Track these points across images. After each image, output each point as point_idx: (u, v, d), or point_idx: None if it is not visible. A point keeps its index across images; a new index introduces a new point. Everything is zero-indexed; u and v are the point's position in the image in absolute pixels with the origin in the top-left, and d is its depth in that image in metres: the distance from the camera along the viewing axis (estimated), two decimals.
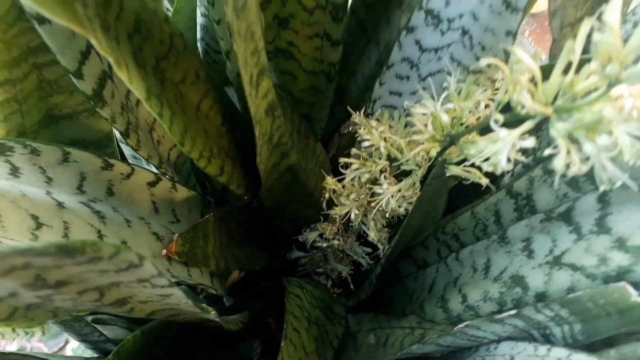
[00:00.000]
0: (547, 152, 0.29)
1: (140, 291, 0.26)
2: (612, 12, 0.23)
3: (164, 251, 0.37)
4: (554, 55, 0.49)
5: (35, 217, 0.28)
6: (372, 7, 0.55)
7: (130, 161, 0.48)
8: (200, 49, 0.51)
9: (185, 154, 0.32)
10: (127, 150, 0.50)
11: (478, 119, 0.39)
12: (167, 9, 0.55)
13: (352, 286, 0.65)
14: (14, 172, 0.29)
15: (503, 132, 0.29)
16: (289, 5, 0.33)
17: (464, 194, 0.49)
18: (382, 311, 0.62)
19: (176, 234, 0.40)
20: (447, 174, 0.41)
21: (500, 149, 0.30)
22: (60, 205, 0.30)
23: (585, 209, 0.32)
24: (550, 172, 0.37)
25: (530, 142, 0.28)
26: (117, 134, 0.43)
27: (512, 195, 0.41)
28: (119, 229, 0.34)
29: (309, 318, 0.55)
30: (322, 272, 0.68)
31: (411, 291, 0.59)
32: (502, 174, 0.50)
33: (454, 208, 0.50)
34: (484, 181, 0.40)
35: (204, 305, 0.32)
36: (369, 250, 0.58)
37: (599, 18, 0.24)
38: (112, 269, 0.21)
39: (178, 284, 0.57)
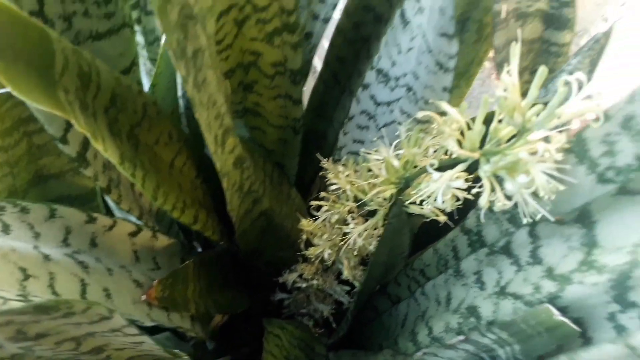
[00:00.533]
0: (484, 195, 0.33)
1: (114, 340, 0.29)
2: (510, 74, 0.28)
3: (144, 297, 0.40)
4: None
5: (23, 270, 0.31)
6: (344, 60, 0.61)
7: (116, 213, 0.52)
8: (181, 104, 0.55)
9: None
10: (112, 203, 0.53)
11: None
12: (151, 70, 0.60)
13: (333, 325, 0.67)
14: (5, 229, 0.32)
15: (436, 175, 0.33)
16: (251, 74, 0.38)
17: (436, 232, 0.52)
18: (362, 347, 0.65)
19: (155, 281, 0.43)
20: (411, 212, 0.45)
21: (437, 189, 0.34)
22: (47, 257, 0.33)
23: (520, 242, 0.36)
24: (492, 210, 0.40)
25: (459, 183, 0.32)
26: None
27: (465, 231, 0.45)
28: (102, 278, 0.38)
29: (288, 357, 0.57)
30: (305, 312, 0.71)
31: (387, 326, 0.62)
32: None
33: (427, 246, 0.53)
34: (442, 218, 0.44)
35: (175, 351, 0.34)
36: (347, 288, 0.61)
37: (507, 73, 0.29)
38: (85, 321, 0.24)
39: (162, 328, 0.59)
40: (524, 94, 0.30)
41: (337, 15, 0.56)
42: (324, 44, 0.60)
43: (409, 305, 0.56)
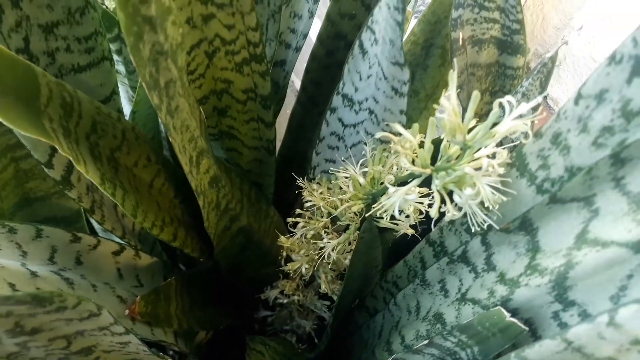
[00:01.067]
0: (434, 206, 0.36)
1: (102, 339, 0.31)
2: (449, 99, 0.31)
3: (127, 311, 0.42)
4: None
5: (11, 285, 0.33)
6: (320, 84, 0.64)
7: (100, 233, 0.54)
8: (163, 130, 0.58)
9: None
10: (97, 225, 0.56)
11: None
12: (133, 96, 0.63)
13: (316, 340, 0.69)
14: None
15: (392, 189, 0.36)
16: (224, 100, 0.41)
17: (411, 246, 0.55)
18: None
19: (138, 296, 0.45)
20: (382, 227, 0.48)
21: (394, 203, 0.37)
22: (34, 274, 0.35)
23: (475, 251, 0.39)
24: (453, 221, 0.44)
25: (414, 197, 0.35)
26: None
27: (430, 243, 0.48)
28: (86, 293, 0.40)
29: None
30: (289, 329, 0.73)
31: (366, 339, 0.64)
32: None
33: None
34: (410, 231, 0.47)
35: (161, 354, 0.37)
36: (328, 303, 0.63)
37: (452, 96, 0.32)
38: (76, 317, 0.26)
39: (147, 344, 0.61)
40: (485, 114, 0.33)
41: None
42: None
43: (384, 317, 0.58)
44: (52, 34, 0.33)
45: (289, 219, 0.53)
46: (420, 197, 0.39)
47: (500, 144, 0.36)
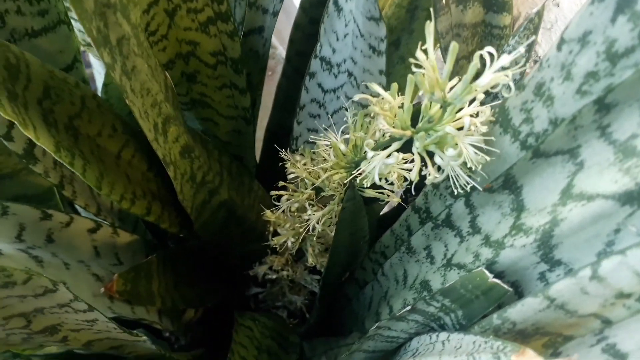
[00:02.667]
0: (414, 169, 0.35)
1: (66, 317, 0.30)
2: (427, 54, 0.29)
3: (102, 289, 0.41)
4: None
5: None
6: (305, 54, 0.62)
7: (81, 211, 0.53)
8: None
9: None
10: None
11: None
12: None
13: (307, 315, 0.68)
14: None
15: (370, 154, 0.34)
16: (191, 64, 0.39)
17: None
18: (336, 334, 0.66)
19: (116, 274, 0.44)
20: (367, 197, 0.46)
21: (373, 168, 0.35)
22: None
23: (459, 214, 0.38)
24: (437, 186, 0.42)
25: (392, 160, 0.34)
26: None
27: (416, 210, 0.46)
28: (57, 272, 0.38)
29: (259, 347, 0.58)
30: (280, 305, 0.72)
31: (356, 311, 0.63)
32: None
33: None
34: (395, 200, 0.45)
35: (134, 331, 0.35)
36: (318, 277, 0.62)
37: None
38: (29, 294, 0.25)
39: (135, 325, 0.60)
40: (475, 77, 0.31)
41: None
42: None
43: (373, 288, 0.57)
44: None
45: (272, 192, 0.52)
46: (405, 163, 0.37)
47: (483, 103, 0.34)
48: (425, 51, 0.29)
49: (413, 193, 0.39)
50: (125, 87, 0.27)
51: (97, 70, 0.68)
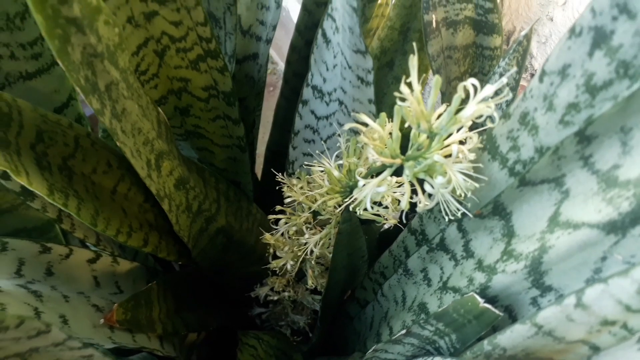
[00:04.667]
0: (404, 197, 0.35)
1: (62, 354, 0.30)
2: (412, 87, 0.30)
3: (102, 320, 0.41)
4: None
5: None
6: (302, 75, 0.63)
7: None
8: None
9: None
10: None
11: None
12: None
13: (310, 334, 0.69)
14: None
15: (361, 182, 0.35)
16: (184, 99, 0.40)
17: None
18: (339, 353, 0.66)
19: (116, 304, 0.44)
20: (365, 219, 0.47)
21: (365, 195, 0.35)
22: None
23: (453, 238, 0.38)
24: (431, 209, 0.42)
25: (383, 188, 0.34)
26: None
27: (412, 232, 0.46)
28: (57, 305, 0.39)
29: None
30: (284, 324, 0.72)
31: (358, 330, 0.63)
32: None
33: None
34: (392, 222, 0.46)
35: None
36: (319, 297, 0.62)
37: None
38: (22, 336, 0.25)
39: (134, 351, 0.60)
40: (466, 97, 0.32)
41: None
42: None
43: (374, 308, 0.57)
44: None
45: (270, 216, 0.52)
46: (398, 186, 0.38)
47: (473, 128, 0.35)
48: (409, 84, 0.30)
49: (414, 215, 0.40)
50: (116, 130, 0.28)
51: None
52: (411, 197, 0.36)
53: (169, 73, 0.37)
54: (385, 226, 0.78)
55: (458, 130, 0.34)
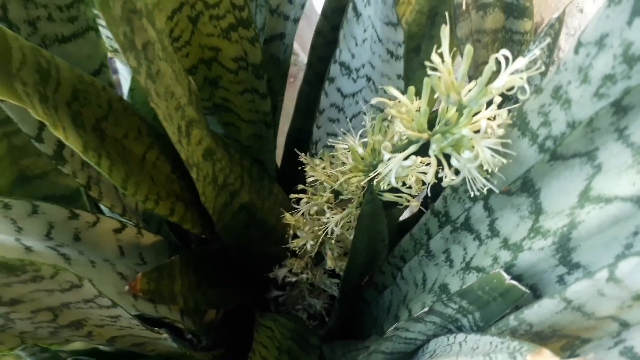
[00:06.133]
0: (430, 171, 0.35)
1: (90, 313, 0.31)
2: (443, 57, 0.30)
3: (127, 287, 0.42)
4: None
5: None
6: (326, 60, 0.63)
7: (106, 213, 0.54)
8: None
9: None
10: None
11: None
12: None
13: (327, 318, 0.69)
14: None
15: (386, 156, 0.35)
16: (214, 69, 0.40)
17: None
18: (356, 338, 0.66)
19: (140, 273, 0.45)
20: (386, 200, 0.46)
21: (390, 171, 0.35)
22: (29, 249, 0.35)
23: (478, 217, 0.38)
24: (456, 189, 0.42)
25: (409, 162, 0.34)
26: None
27: (435, 214, 0.46)
28: (84, 269, 0.40)
29: (279, 348, 0.59)
30: (300, 308, 0.72)
31: (375, 315, 0.63)
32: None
33: None
34: (414, 204, 0.46)
35: (156, 328, 0.36)
36: (337, 281, 0.63)
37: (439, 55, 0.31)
38: (56, 288, 0.26)
39: (158, 324, 0.61)
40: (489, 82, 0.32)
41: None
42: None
43: (392, 292, 0.57)
44: (31, 2, 0.33)
45: (292, 195, 0.53)
46: (422, 166, 0.37)
47: (501, 107, 0.34)
48: (440, 54, 0.30)
49: (429, 195, 0.39)
50: (150, 91, 0.29)
51: (124, 76, 0.70)
52: (437, 176, 0.36)
53: (201, 41, 0.38)
54: (405, 215, 0.78)
55: (487, 106, 0.34)
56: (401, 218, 0.72)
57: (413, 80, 0.64)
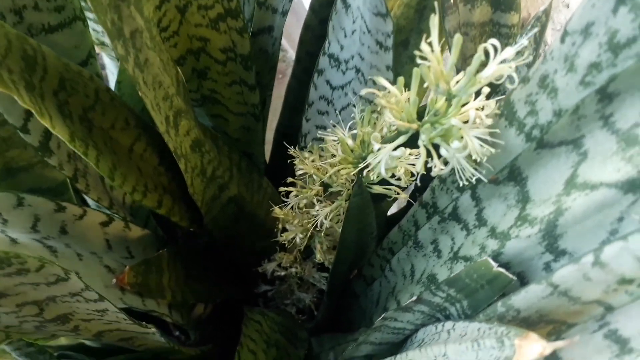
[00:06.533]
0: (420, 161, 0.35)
1: (77, 307, 0.31)
2: (432, 46, 0.30)
3: (114, 280, 0.42)
4: None
5: None
6: (315, 55, 0.63)
7: (92, 206, 0.54)
8: None
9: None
10: (89, 198, 0.55)
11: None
12: None
13: (315, 312, 0.69)
14: None
15: (376, 146, 0.35)
16: (202, 60, 0.40)
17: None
18: (344, 330, 0.67)
19: (127, 266, 0.44)
20: (375, 193, 0.47)
21: (380, 161, 0.35)
22: (14, 241, 0.35)
23: (466, 207, 0.38)
24: (444, 180, 0.42)
25: (398, 152, 0.34)
26: None
27: (423, 205, 0.47)
28: (71, 262, 0.39)
29: (268, 341, 0.59)
30: (289, 302, 0.72)
31: (364, 307, 0.64)
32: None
33: None
34: (402, 196, 0.46)
35: (143, 322, 0.36)
36: (326, 275, 0.63)
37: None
38: (42, 281, 0.26)
39: (147, 319, 0.61)
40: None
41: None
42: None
43: (381, 284, 0.58)
44: None
45: (281, 189, 0.52)
46: (411, 157, 0.38)
47: (490, 97, 0.35)
48: (430, 44, 0.30)
49: (418, 185, 0.40)
50: (138, 80, 0.28)
51: (111, 70, 0.69)
52: (426, 166, 0.36)
53: (189, 31, 0.37)
54: (394, 210, 0.78)
55: (475, 97, 0.34)
56: (389, 213, 0.72)
57: (402, 74, 0.64)
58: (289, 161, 0.50)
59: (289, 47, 1.44)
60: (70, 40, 0.36)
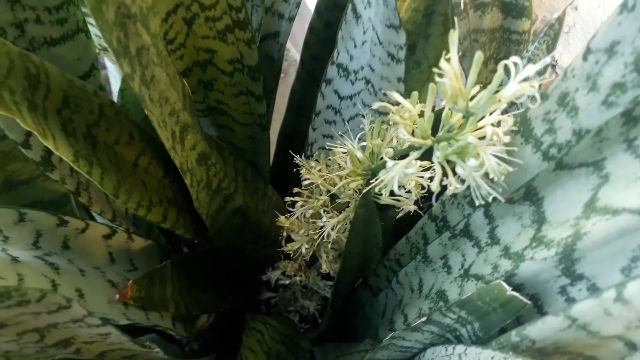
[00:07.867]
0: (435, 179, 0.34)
1: (80, 331, 0.30)
2: (451, 63, 0.29)
3: (117, 296, 0.41)
4: None
5: None
6: (319, 58, 0.62)
7: (96, 217, 0.53)
8: None
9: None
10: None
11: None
12: None
13: (319, 320, 0.68)
14: None
15: (390, 163, 0.34)
16: (209, 72, 0.39)
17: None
18: (349, 340, 0.66)
19: (130, 280, 0.43)
20: (382, 204, 0.46)
21: (393, 177, 0.34)
22: (15, 259, 0.34)
23: (478, 224, 0.37)
24: (455, 195, 0.41)
25: (412, 169, 0.33)
26: None
27: (432, 218, 0.46)
28: (73, 278, 0.38)
29: (268, 352, 0.58)
30: (292, 309, 0.71)
31: (369, 317, 0.63)
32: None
33: None
34: (412, 208, 0.45)
35: (146, 343, 0.35)
36: (331, 283, 0.62)
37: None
38: (43, 311, 0.25)
39: (147, 330, 0.60)
40: (488, 82, 0.31)
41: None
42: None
43: (387, 295, 0.57)
44: (18, 4, 0.31)
45: (287, 199, 0.52)
46: (422, 170, 0.37)
47: (505, 111, 0.34)
48: (448, 60, 0.29)
49: (431, 201, 0.39)
50: (144, 97, 0.27)
51: (112, 73, 0.68)
52: (432, 181, 0.35)
53: (195, 43, 0.36)
54: (401, 213, 0.77)
55: (491, 112, 0.33)
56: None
57: (408, 80, 0.63)
58: (294, 170, 0.49)
59: (291, 46, 1.43)
60: (73, 52, 0.35)
